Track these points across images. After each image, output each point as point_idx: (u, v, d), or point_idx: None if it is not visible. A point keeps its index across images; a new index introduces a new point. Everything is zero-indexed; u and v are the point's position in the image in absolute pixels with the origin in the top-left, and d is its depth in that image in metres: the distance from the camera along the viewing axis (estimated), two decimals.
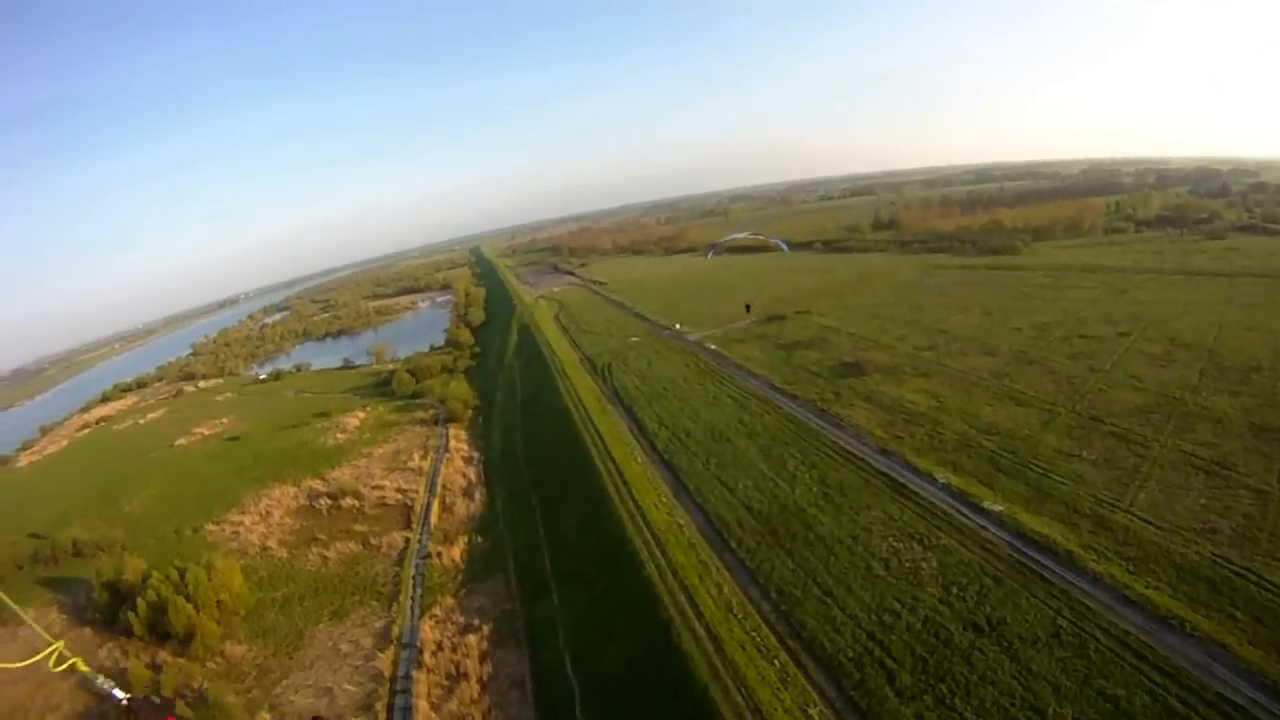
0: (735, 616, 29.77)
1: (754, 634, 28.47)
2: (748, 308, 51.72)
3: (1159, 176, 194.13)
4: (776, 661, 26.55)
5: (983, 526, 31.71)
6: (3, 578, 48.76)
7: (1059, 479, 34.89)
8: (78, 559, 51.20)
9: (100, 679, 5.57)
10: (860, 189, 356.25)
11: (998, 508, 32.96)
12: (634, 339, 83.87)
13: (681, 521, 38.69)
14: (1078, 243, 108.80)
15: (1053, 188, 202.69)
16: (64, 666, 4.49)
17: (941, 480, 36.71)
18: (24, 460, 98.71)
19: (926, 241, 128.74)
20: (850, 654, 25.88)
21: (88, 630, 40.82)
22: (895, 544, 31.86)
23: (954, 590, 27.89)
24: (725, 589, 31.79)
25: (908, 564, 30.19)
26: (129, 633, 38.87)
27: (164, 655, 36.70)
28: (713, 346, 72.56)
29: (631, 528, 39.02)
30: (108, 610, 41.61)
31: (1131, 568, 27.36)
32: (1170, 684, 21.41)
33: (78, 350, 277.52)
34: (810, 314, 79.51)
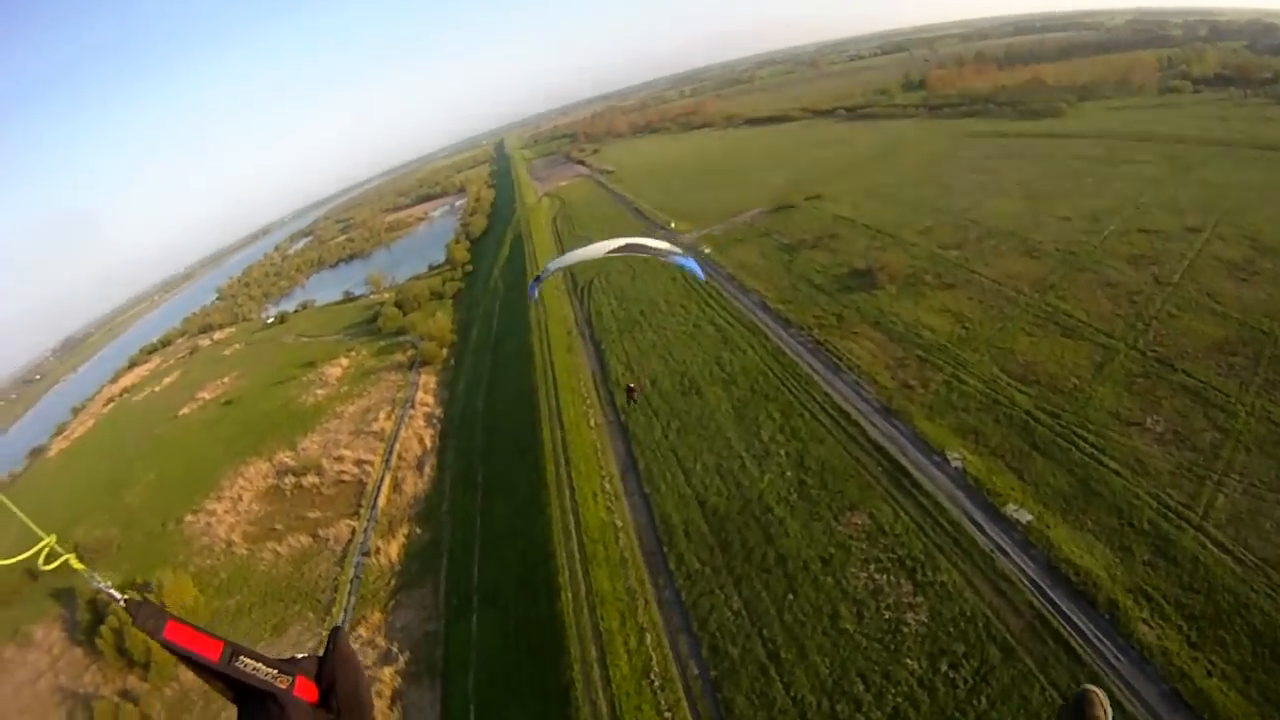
0: (651, 685, 23.15)
1: (668, 715, 21.78)
2: (630, 393, 38.81)
3: (1211, 29, 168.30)
4: None
5: (1001, 549, 22.88)
6: (18, 590, 47.89)
7: (1113, 465, 25.47)
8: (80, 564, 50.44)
9: (97, 579, 2.75)
10: (893, 46, 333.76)
11: (1026, 515, 23.94)
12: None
13: (620, 522, 31.98)
14: (1129, 104, 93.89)
15: (1098, 40, 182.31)
16: (55, 565, 2.43)
17: (956, 462, 27.64)
18: (55, 448, 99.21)
19: (960, 105, 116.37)
20: None
21: (79, 651, 39.60)
22: (877, 575, 23.55)
23: (943, 666, 19.67)
24: (648, 638, 25.05)
25: (888, 613, 21.94)
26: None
27: (133, 680, 35.62)
28: (707, 250, 64.00)
29: (560, 533, 32.84)
30: (90, 630, 40.20)
31: (1195, 634, 18.74)
32: None
33: (121, 308, 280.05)
34: (823, 200, 69.64)
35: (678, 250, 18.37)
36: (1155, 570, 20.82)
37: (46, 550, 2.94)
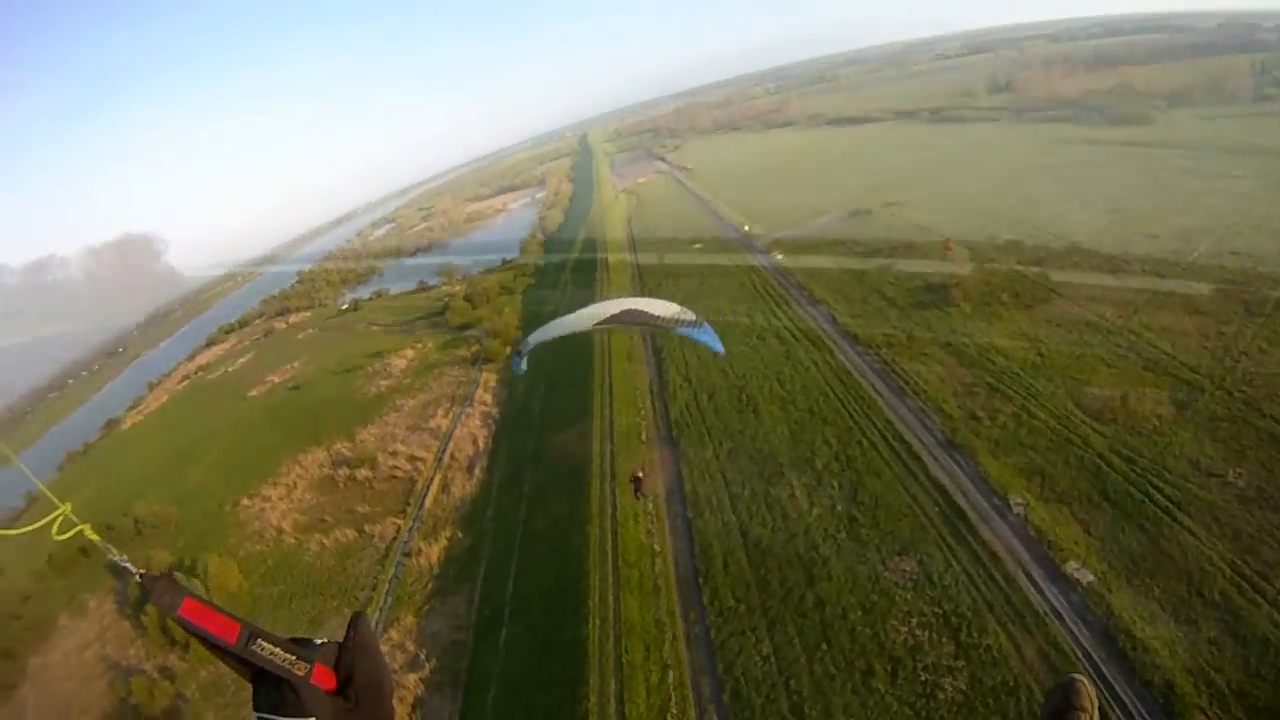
0: None
1: None
2: (636, 484, 34.50)
3: None
4: None
5: (1057, 613, 21.34)
6: (76, 560, 50.72)
7: (1188, 522, 23.57)
8: (139, 538, 52.64)
9: (113, 550, 3.30)
10: (980, 45, 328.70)
11: (1088, 575, 22.26)
12: (697, 246, 76.55)
13: (659, 547, 31.52)
14: (1221, 112, 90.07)
15: (1188, 43, 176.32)
16: (69, 535, 3.25)
17: (1018, 508, 26.02)
18: (129, 421, 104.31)
19: (1046, 109, 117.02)
20: None
21: (126, 624, 41.76)
22: (919, 631, 22.36)
23: None
24: (671, 675, 24.54)
25: (925, 675, 20.79)
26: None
27: (173, 659, 37.14)
28: (779, 256, 64.06)
29: (596, 553, 32.62)
30: (138, 605, 42.25)
31: None
32: None
33: (204, 287, 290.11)
34: (901, 206, 69.92)
35: (689, 317, 16.13)
36: (1220, 650, 19.09)
37: (61, 519, 2.91)
